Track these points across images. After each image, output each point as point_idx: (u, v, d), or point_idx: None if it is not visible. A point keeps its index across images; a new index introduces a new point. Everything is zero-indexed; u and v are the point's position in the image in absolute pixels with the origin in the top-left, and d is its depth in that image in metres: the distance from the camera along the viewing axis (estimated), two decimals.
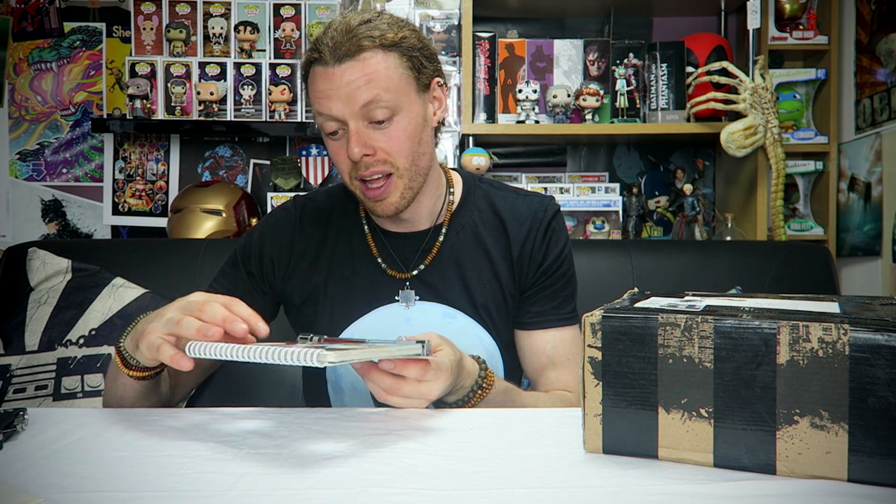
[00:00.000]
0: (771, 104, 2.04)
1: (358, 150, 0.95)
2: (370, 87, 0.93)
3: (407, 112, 0.97)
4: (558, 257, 1.09)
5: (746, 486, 0.54)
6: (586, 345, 0.61)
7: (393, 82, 0.95)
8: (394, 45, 0.95)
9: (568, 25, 2.42)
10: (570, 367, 1.08)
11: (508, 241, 1.08)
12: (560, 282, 1.09)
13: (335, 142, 0.99)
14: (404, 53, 0.96)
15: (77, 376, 1.50)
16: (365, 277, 1.07)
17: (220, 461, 0.62)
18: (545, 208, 1.10)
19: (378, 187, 0.98)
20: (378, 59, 0.94)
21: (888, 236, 1.98)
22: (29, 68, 2.33)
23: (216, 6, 2.29)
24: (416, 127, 0.99)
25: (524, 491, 0.55)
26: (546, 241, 1.08)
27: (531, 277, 1.08)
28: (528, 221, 1.09)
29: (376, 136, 0.96)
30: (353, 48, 0.93)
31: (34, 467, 0.60)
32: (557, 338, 1.08)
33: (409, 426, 0.73)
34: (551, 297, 1.08)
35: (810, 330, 0.54)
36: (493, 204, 1.10)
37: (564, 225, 1.13)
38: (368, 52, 0.93)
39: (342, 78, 0.93)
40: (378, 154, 0.97)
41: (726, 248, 1.82)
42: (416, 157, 1.00)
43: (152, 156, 2.37)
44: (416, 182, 1.01)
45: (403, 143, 0.97)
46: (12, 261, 1.67)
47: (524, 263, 1.08)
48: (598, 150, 2.43)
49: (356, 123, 0.95)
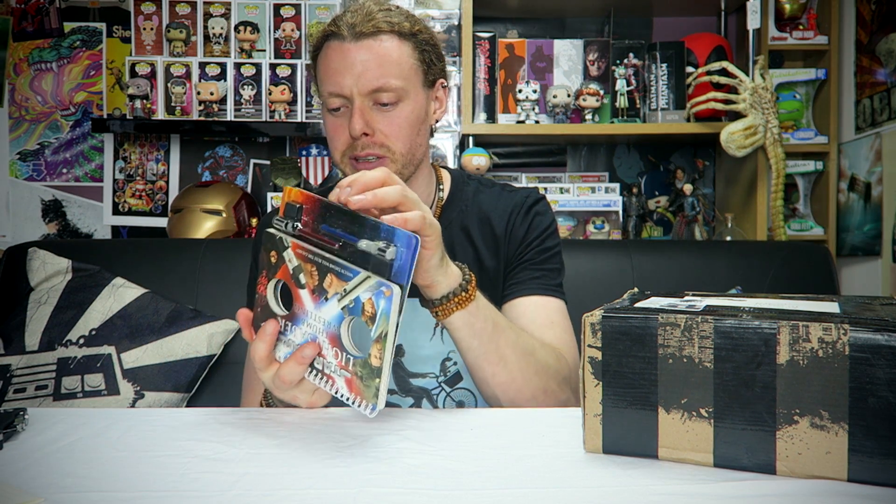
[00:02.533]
0: (771, 104, 2.05)
1: (360, 127, 0.96)
2: (382, 69, 0.95)
3: (412, 101, 0.99)
4: (541, 234, 1.08)
5: (746, 486, 0.54)
6: (586, 345, 0.61)
7: (404, 70, 0.97)
8: (410, 35, 0.98)
9: (568, 25, 2.42)
10: (552, 330, 1.01)
11: (494, 234, 1.08)
12: (542, 255, 1.07)
13: (336, 118, 1.00)
14: (418, 46, 0.99)
15: (77, 376, 1.50)
16: None
17: (220, 461, 0.62)
18: (527, 195, 1.11)
19: (368, 164, 0.99)
20: (394, 44, 0.97)
21: (888, 236, 1.98)
22: (29, 68, 2.33)
23: (216, 6, 2.29)
24: (417, 117, 1.00)
25: (524, 491, 0.55)
26: (528, 220, 1.08)
27: (513, 254, 1.07)
28: (511, 208, 1.09)
29: (379, 118, 0.98)
30: (371, 29, 0.95)
31: (34, 467, 0.60)
32: (539, 303, 1.04)
33: (409, 426, 0.73)
34: (533, 270, 1.06)
35: (810, 330, 0.54)
36: (480, 200, 1.11)
37: (549, 210, 1.12)
38: (385, 35, 0.96)
39: (356, 55, 0.95)
40: (377, 136, 0.98)
41: (726, 248, 1.82)
42: (413, 146, 1.01)
43: (152, 156, 2.37)
44: (407, 170, 1.02)
45: (404, 128, 0.99)
46: (12, 261, 1.67)
47: (506, 244, 1.08)
48: (598, 150, 2.43)
49: (362, 101, 0.97)
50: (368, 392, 0.66)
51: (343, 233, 0.68)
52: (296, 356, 0.70)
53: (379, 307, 0.64)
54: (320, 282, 0.69)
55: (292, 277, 0.71)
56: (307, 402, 0.76)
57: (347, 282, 0.66)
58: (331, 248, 0.68)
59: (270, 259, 0.74)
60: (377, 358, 0.65)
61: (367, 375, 0.66)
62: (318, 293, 0.69)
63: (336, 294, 0.67)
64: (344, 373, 0.68)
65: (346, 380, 0.68)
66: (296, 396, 0.75)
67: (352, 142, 0.98)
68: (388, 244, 0.65)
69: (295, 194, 0.72)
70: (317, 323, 0.70)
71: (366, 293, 0.65)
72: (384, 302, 0.64)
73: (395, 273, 0.64)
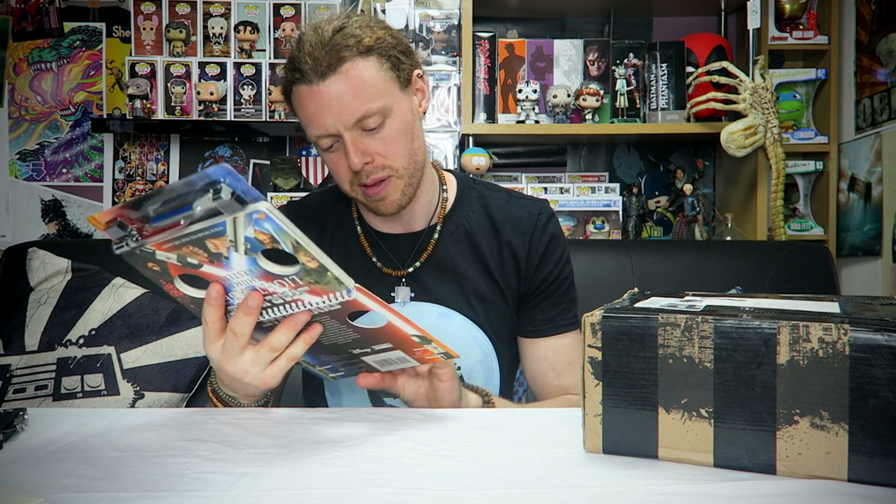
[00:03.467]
0: (771, 104, 2.04)
1: (358, 160, 0.96)
2: (358, 98, 0.93)
3: (397, 112, 0.98)
4: (558, 263, 1.09)
5: (746, 486, 0.54)
6: (586, 345, 0.61)
7: (378, 88, 0.95)
8: (370, 49, 0.94)
9: (568, 25, 2.42)
10: (572, 372, 1.08)
11: (500, 242, 1.08)
12: (562, 287, 1.09)
13: (332, 154, 0.99)
14: (382, 54, 0.96)
15: (77, 376, 1.50)
16: (360, 276, 1.07)
17: (220, 461, 0.62)
18: (539, 212, 1.10)
19: (377, 187, 0.99)
20: (359, 67, 0.93)
21: (888, 236, 1.98)
22: (29, 68, 2.33)
23: (216, 6, 2.29)
24: (407, 125, 0.99)
25: (524, 491, 0.55)
26: (546, 248, 1.08)
27: (533, 284, 1.08)
28: (526, 226, 1.08)
29: (372, 143, 0.97)
30: (333, 61, 0.92)
31: (34, 467, 0.60)
32: (559, 344, 1.08)
33: (409, 426, 0.73)
34: (554, 305, 1.09)
35: (810, 330, 0.54)
36: (487, 205, 1.11)
37: (561, 229, 1.13)
38: (349, 62, 0.93)
39: (329, 93, 0.93)
40: (376, 160, 0.97)
41: (726, 248, 1.82)
42: (412, 153, 1.00)
43: (152, 156, 2.37)
44: (415, 178, 1.02)
45: (399, 144, 0.98)
46: (12, 261, 1.67)
47: (522, 269, 1.08)
48: (598, 150, 2.43)
49: (351, 134, 0.95)
50: (332, 285, 0.67)
51: (173, 212, 0.66)
52: (242, 307, 0.70)
53: (268, 230, 0.63)
54: (207, 251, 0.67)
55: (184, 266, 0.70)
56: (259, 377, 0.74)
57: (225, 235, 0.65)
58: (182, 229, 0.66)
59: (154, 269, 0.72)
60: (312, 261, 0.65)
61: (318, 277, 0.67)
62: (215, 259, 0.68)
63: (229, 248, 0.66)
64: (302, 289, 0.69)
65: (308, 291, 0.69)
66: (247, 371, 0.73)
67: (356, 173, 0.98)
68: (212, 188, 0.62)
69: (102, 216, 0.68)
70: (240, 278, 0.69)
71: (248, 229, 0.64)
72: (267, 223, 0.63)
73: (244, 195, 0.62)
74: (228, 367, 0.74)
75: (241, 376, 0.74)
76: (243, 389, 0.79)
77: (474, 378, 1.06)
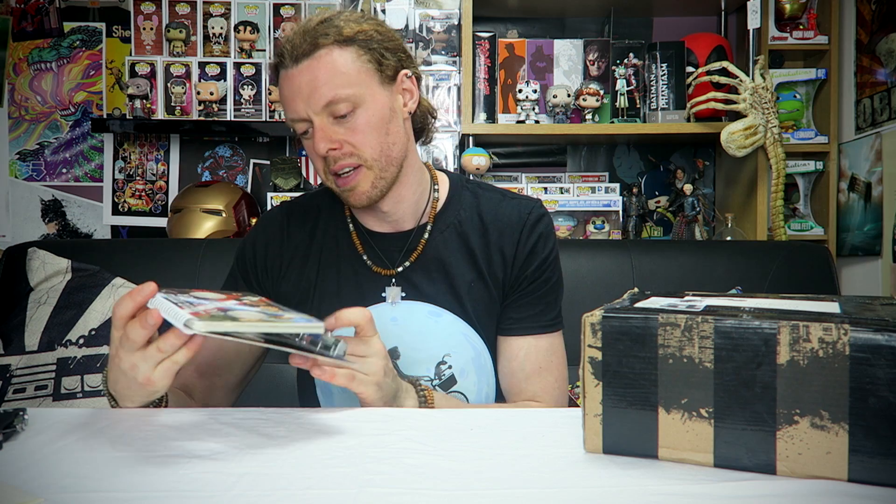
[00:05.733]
0: (771, 104, 2.05)
1: (323, 146, 0.97)
2: (328, 84, 0.95)
3: (370, 104, 0.98)
4: (543, 263, 1.07)
5: (746, 486, 0.54)
6: (586, 345, 0.61)
7: (351, 77, 0.96)
8: (349, 40, 0.96)
9: (568, 25, 2.42)
10: (541, 377, 1.06)
11: (490, 241, 1.07)
12: (543, 288, 1.07)
13: (307, 140, 1.01)
14: (362, 46, 0.97)
15: (77, 376, 1.50)
16: (351, 275, 1.07)
17: (220, 461, 0.62)
18: (530, 211, 1.09)
19: (347, 177, 1.00)
20: (334, 55, 0.96)
21: (888, 236, 1.98)
22: (29, 68, 2.33)
23: (216, 6, 2.29)
24: (380, 118, 0.99)
25: (524, 491, 0.55)
26: (533, 246, 1.07)
27: (515, 282, 1.07)
28: (515, 225, 1.08)
29: (340, 131, 0.98)
30: (308, 48, 0.95)
31: (34, 467, 0.60)
32: (532, 345, 1.06)
33: (409, 426, 0.73)
34: (532, 304, 1.07)
35: (810, 330, 0.54)
36: (479, 205, 1.10)
37: (553, 230, 1.11)
38: (323, 49, 0.95)
39: (301, 78, 0.96)
40: (344, 147, 0.98)
41: (726, 248, 1.82)
42: (385, 147, 1.00)
43: (152, 156, 2.37)
44: (387, 172, 1.01)
45: (368, 135, 0.98)
46: (12, 261, 1.67)
47: (508, 266, 1.07)
48: (598, 150, 2.43)
49: (320, 120, 0.97)
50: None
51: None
52: (140, 319, 0.73)
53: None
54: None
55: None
56: (144, 375, 0.75)
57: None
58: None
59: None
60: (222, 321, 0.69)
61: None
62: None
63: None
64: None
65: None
66: (135, 365, 0.75)
67: (325, 159, 0.99)
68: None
69: None
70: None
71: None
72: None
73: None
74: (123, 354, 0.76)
75: (129, 370, 0.76)
76: (126, 390, 0.79)
77: (467, 376, 1.05)
